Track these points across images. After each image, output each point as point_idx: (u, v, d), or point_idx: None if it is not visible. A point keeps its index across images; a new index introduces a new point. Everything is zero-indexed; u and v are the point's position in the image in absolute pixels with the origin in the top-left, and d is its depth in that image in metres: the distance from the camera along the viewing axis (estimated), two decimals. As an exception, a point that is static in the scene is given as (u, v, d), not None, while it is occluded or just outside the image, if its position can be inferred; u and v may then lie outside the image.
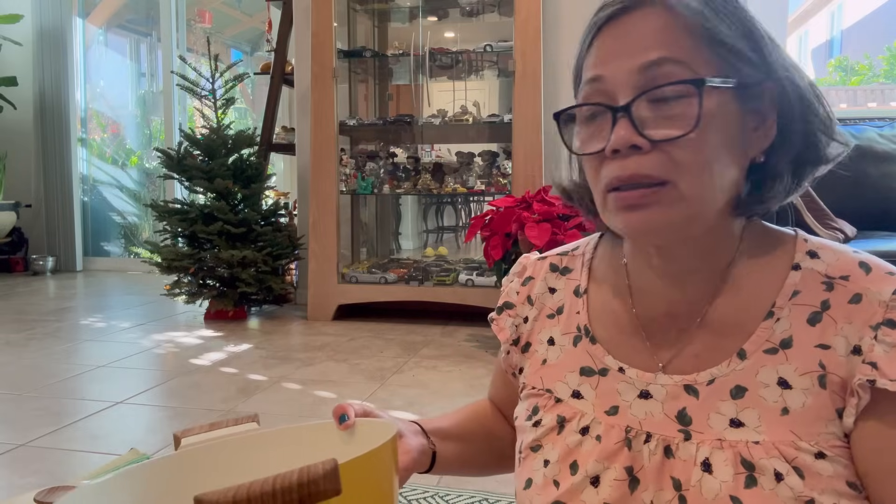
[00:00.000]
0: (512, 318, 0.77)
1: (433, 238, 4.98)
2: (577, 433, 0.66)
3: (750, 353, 0.60)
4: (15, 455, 1.66)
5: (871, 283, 0.58)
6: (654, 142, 0.56)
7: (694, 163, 0.56)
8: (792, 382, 0.58)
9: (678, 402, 0.62)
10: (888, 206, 2.65)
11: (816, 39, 15.45)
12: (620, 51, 0.58)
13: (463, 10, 3.63)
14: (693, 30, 0.57)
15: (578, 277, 0.74)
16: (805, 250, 0.62)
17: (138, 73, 6.87)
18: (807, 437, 0.57)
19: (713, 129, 0.56)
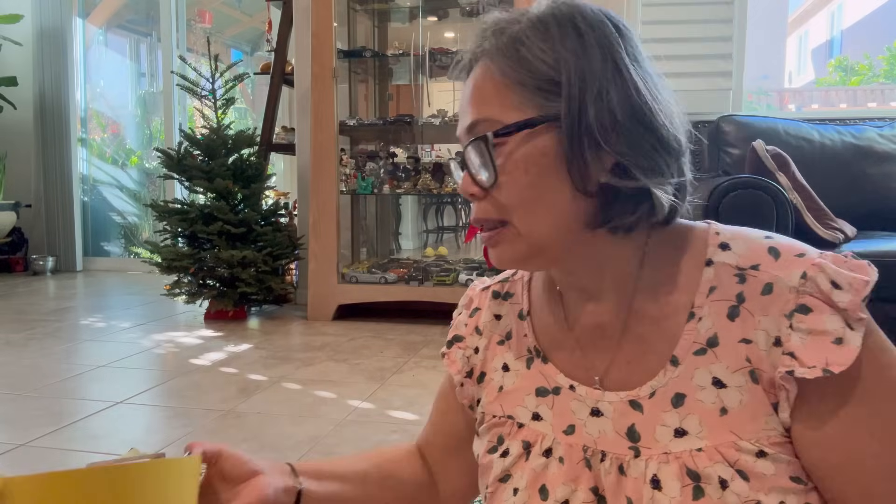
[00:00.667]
0: (462, 350, 0.78)
1: (433, 238, 4.99)
2: (542, 456, 0.66)
3: (681, 358, 0.61)
4: (15, 455, 1.66)
5: (780, 269, 0.58)
6: (485, 188, 0.61)
7: (516, 204, 0.61)
8: (726, 381, 0.58)
9: (626, 418, 0.63)
10: (888, 206, 2.65)
11: (816, 39, 15.45)
12: (461, 111, 0.65)
13: (463, 10, 3.63)
14: (503, 82, 0.60)
15: (520, 301, 0.75)
16: (717, 243, 0.62)
17: (138, 73, 6.87)
18: (747, 436, 0.57)
19: (523, 170, 0.60)
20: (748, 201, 2.18)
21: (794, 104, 12.38)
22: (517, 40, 0.60)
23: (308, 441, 1.75)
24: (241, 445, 1.72)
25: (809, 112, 8.39)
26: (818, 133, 2.80)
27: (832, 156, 2.73)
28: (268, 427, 1.86)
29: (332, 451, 1.69)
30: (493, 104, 0.61)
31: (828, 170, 2.67)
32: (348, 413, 1.97)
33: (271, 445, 1.72)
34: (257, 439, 1.77)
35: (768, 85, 13.36)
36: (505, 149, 0.60)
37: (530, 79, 0.59)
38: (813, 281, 0.56)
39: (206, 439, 1.76)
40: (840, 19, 14.65)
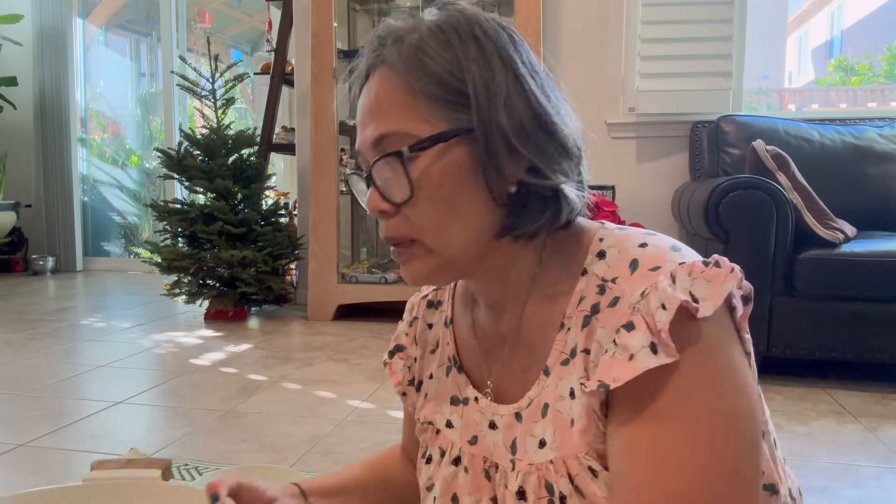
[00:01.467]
0: (403, 360, 0.79)
1: (433, 238, 4.97)
2: (452, 464, 0.68)
3: (551, 367, 0.61)
4: (15, 455, 1.66)
5: (630, 284, 0.56)
6: (396, 204, 0.59)
7: (431, 220, 0.58)
8: (576, 391, 0.58)
9: (512, 431, 0.63)
10: (888, 206, 2.65)
11: (816, 39, 15.45)
12: (361, 123, 0.61)
13: (463, 10, 3.63)
14: (408, 93, 0.58)
15: (446, 308, 0.76)
16: (596, 251, 0.61)
17: (138, 73, 6.87)
18: (583, 449, 0.56)
19: (438, 184, 0.58)
20: (748, 201, 2.18)
21: (794, 104, 12.37)
22: (419, 49, 0.58)
23: (308, 441, 1.75)
24: (240, 445, 1.72)
25: (809, 112, 8.39)
26: (818, 133, 2.80)
27: (832, 156, 2.73)
28: (268, 427, 1.86)
29: (331, 451, 1.69)
30: (399, 116, 0.58)
31: (828, 170, 2.67)
32: (348, 413, 1.97)
33: (271, 445, 1.72)
34: (257, 439, 1.77)
35: (768, 85, 13.37)
36: (419, 163, 0.57)
37: (437, 90, 0.57)
38: (647, 299, 0.54)
39: (206, 439, 1.77)
40: (840, 19, 14.65)
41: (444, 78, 0.57)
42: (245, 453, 1.67)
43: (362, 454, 1.67)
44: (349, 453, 1.68)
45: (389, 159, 0.58)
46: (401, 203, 0.59)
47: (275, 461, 1.62)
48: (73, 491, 0.61)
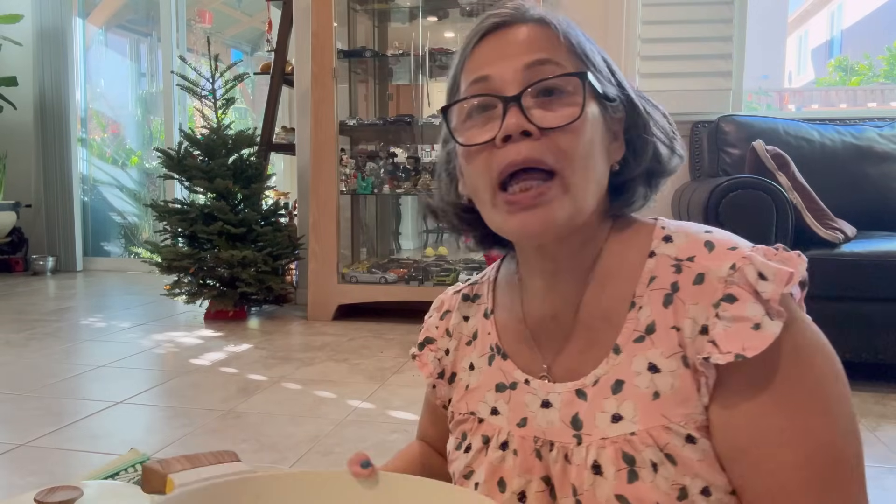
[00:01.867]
0: (433, 352, 0.80)
1: (433, 238, 4.98)
2: (499, 449, 0.68)
3: (623, 345, 0.62)
4: (15, 455, 1.66)
5: (712, 261, 0.60)
6: (542, 129, 0.59)
7: (577, 151, 0.60)
8: (660, 366, 0.60)
9: (572, 407, 0.64)
10: (888, 206, 2.65)
11: (816, 39, 15.45)
12: (504, 53, 0.63)
13: (463, 10, 3.63)
14: (564, 42, 0.63)
15: (486, 301, 0.77)
16: (661, 237, 0.65)
17: (138, 73, 6.87)
18: (677, 419, 0.58)
19: (590, 125, 0.62)
20: (748, 201, 2.18)
21: (794, 104, 12.38)
22: (558, 13, 0.66)
23: (308, 441, 1.75)
24: (240, 445, 1.72)
25: (809, 112, 8.39)
26: (818, 133, 2.80)
27: (832, 156, 2.72)
28: (268, 427, 1.86)
29: (331, 451, 1.69)
30: (558, 54, 0.63)
31: (828, 170, 2.67)
32: (348, 413, 1.97)
33: (271, 445, 1.73)
34: (257, 439, 1.77)
35: (768, 85, 13.37)
36: (584, 91, 0.62)
37: (577, 48, 0.64)
38: (741, 272, 0.57)
39: (206, 439, 1.77)
40: (840, 19, 14.65)
41: (583, 42, 0.65)
42: (245, 453, 1.67)
43: (362, 454, 1.67)
44: (349, 453, 1.67)
45: (571, 84, 0.61)
46: (560, 125, 0.60)
47: (275, 461, 1.62)
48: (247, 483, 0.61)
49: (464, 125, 0.65)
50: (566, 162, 0.60)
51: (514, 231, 0.62)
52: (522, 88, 0.61)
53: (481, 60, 0.64)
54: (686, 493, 0.56)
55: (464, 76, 0.66)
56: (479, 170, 0.63)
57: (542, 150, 0.59)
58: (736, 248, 0.59)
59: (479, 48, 0.65)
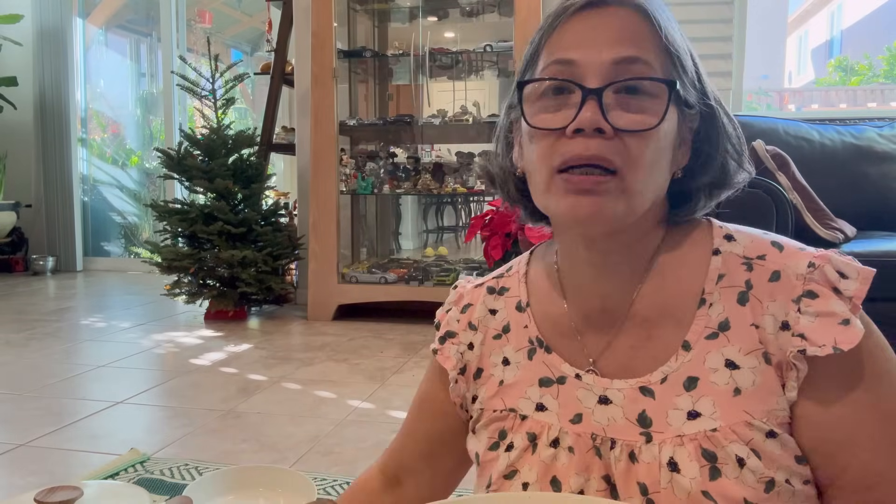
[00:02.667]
0: (456, 345, 0.76)
1: (433, 238, 4.98)
2: (550, 447, 0.65)
3: (693, 342, 0.62)
4: (15, 455, 1.66)
5: (786, 259, 0.61)
6: (616, 129, 0.58)
7: (645, 157, 0.59)
8: (739, 362, 0.60)
9: (637, 405, 0.63)
10: (888, 206, 2.65)
11: (816, 39, 15.45)
12: (594, 39, 0.60)
13: (463, 10, 3.63)
14: (658, 39, 0.60)
15: (518, 294, 0.74)
16: (722, 235, 0.65)
17: (138, 74, 6.87)
18: (759, 415, 0.58)
19: (664, 133, 0.60)
20: (748, 201, 2.17)
21: (794, 104, 12.38)
22: (662, 6, 0.62)
23: (308, 441, 1.75)
24: (240, 445, 1.73)
25: (809, 112, 8.40)
26: (818, 133, 2.80)
27: (832, 156, 2.72)
28: (268, 427, 1.86)
29: (331, 451, 1.69)
30: (650, 54, 0.60)
31: (828, 170, 2.67)
32: (348, 413, 1.97)
33: (271, 445, 1.73)
34: (257, 439, 1.77)
35: (768, 85, 13.36)
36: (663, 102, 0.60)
37: (671, 48, 0.61)
38: (820, 270, 0.59)
39: (206, 439, 1.77)
40: (840, 19, 14.65)
41: (678, 42, 0.62)
42: (245, 453, 1.67)
43: (362, 454, 1.67)
44: (349, 453, 1.68)
45: (656, 86, 0.59)
46: (635, 129, 0.58)
47: (275, 461, 1.62)
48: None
49: (536, 103, 0.63)
50: (631, 165, 0.59)
51: (564, 213, 0.60)
52: (605, 84, 0.58)
53: (569, 40, 0.61)
54: (773, 485, 0.57)
55: (546, 50, 0.63)
56: (543, 153, 0.61)
57: (612, 150, 0.58)
58: (804, 250, 0.61)
59: (568, 24, 0.61)
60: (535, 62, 0.64)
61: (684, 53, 0.62)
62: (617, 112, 0.58)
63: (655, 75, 0.59)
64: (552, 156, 0.60)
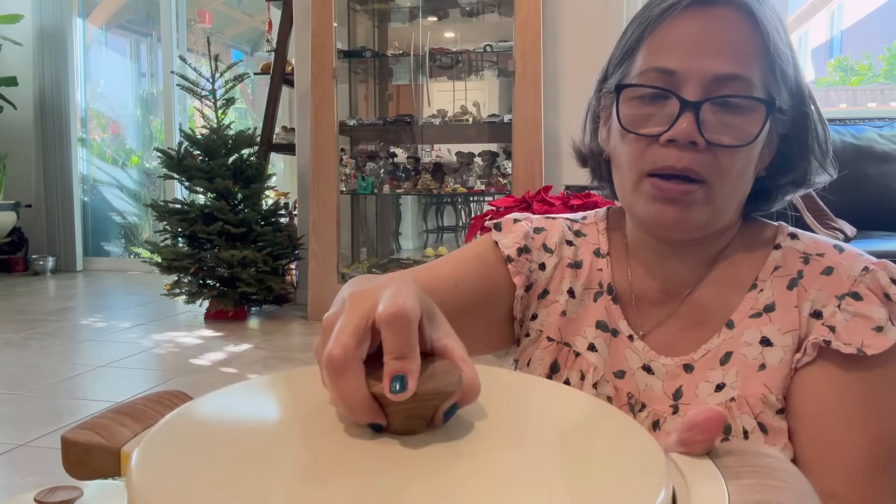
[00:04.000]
0: (528, 262, 0.73)
1: (433, 238, 4.98)
2: (592, 387, 0.68)
3: (737, 321, 0.64)
4: (15, 455, 1.66)
5: (843, 259, 0.62)
6: (709, 143, 0.58)
7: (734, 171, 0.60)
8: (774, 340, 0.62)
9: (676, 380, 0.65)
10: (888, 206, 2.65)
11: (816, 39, 15.44)
12: (696, 49, 0.59)
13: (463, 10, 3.63)
14: (763, 49, 0.60)
15: (597, 241, 0.74)
16: (786, 233, 0.67)
17: (138, 74, 6.87)
18: (776, 391, 0.60)
19: (756, 147, 0.61)
20: (748, 201, 2.18)
21: (794, 104, 12.33)
22: (780, 19, 0.61)
23: (308, 441, 1.75)
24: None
25: (809, 112, 8.34)
26: (818, 133, 2.80)
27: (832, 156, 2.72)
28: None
29: (332, 451, 1.69)
30: (753, 68, 0.59)
31: (828, 170, 2.67)
32: (348, 413, 1.97)
33: (271, 445, 1.73)
34: (257, 439, 1.77)
35: (768, 85, 13.31)
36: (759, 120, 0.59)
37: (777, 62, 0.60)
38: (873, 275, 0.60)
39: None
40: (840, 19, 14.64)
41: (782, 50, 0.61)
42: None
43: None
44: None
45: (755, 103, 0.59)
46: (732, 145, 0.59)
47: (275, 461, 1.62)
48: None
49: (630, 104, 0.62)
50: (719, 178, 0.59)
51: (650, 218, 0.62)
52: (704, 98, 0.58)
53: (672, 45, 0.60)
54: None
55: (646, 49, 0.62)
56: (633, 156, 0.62)
57: (702, 163, 0.59)
58: (863, 256, 0.62)
59: (672, 24, 0.60)
60: (632, 57, 0.64)
61: (786, 61, 0.61)
62: (712, 126, 0.58)
63: (755, 94, 0.59)
64: (643, 161, 0.61)
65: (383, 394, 0.32)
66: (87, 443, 0.38)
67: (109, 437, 0.38)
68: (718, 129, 0.59)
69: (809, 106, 0.65)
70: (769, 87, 0.60)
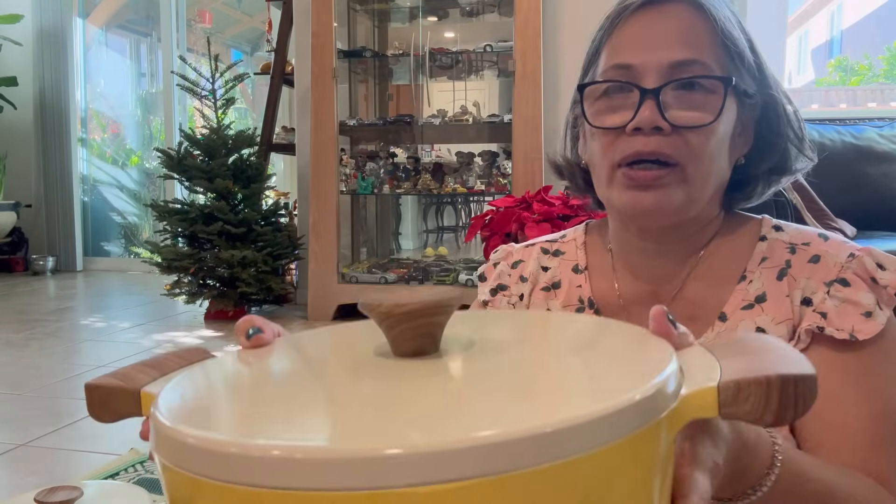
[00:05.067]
0: (507, 297, 0.79)
1: (433, 238, 4.98)
2: None
3: (730, 313, 0.65)
4: (15, 455, 1.66)
5: (829, 247, 0.64)
6: (674, 126, 0.60)
7: (704, 150, 0.61)
8: (769, 330, 0.62)
9: None
10: (888, 206, 2.65)
11: (816, 39, 15.45)
12: (650, 42, 0.62)
13: (463, 10, 3.63)
14: (715, 35, 0.62)
15: (575, 258, 0.76)
16: (770, 225, 0.68)
17: (138, 73, 6.87)
18: None
19: (723, 125, 0.62)
20: (748, 201, 2.18)
21: (794, 104, 12.34)
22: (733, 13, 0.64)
23: (308, 441, 1.75)
24: (241, 445, 1.72)
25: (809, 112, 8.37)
26: (818, 133, 2.80)
27: (832, 156, 2.72)
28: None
29: (332, 451, 1.69)
30: (704, 50, 0.61)
31: (828, 170, 2.66)
32: (348, 413, 1.97)
33: (271, 445, 1.73)
34: (257, 439, 1.77)
35: (768, 85, 13.31)
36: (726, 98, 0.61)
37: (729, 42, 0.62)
38: (860, 260, 0.62)
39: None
40: (840, 19, 14.65)
41: (735, 35, 0.63)
42: (245, 453, 1.67)
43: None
44: (349, 453, 1.68)
45: (713, 82, 0.61)
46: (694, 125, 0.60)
47: (275, 461, 1.62)
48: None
49: (596, 103, 0.65)
50: (691, 158, 0.61)
51: (625, 206, 0.63)
52: (662, 83, 0.60)
53: (626, 43, 0.63)
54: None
55: (606, 51, 0.65)
56: (604, 149, 0.64)
57: (671, 146, 0.60)
58: (848, 243, 0.64)
59: (626, 25, 0.64)
60: (595, 62, 0.67)
61: (742, 45, 0.63)
62: (675, 109, 0.61)
63: (712, 74, 0.61)
64: (613, 152, 0.63)
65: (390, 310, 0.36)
66: (109, 386, 0.41)
67: (129, 381, 0.42)
68: (681, 111, 0.61)
69: (777, 90, 0.66)
70: (727, 70, 0.62)
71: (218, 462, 0.27)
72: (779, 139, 0.67)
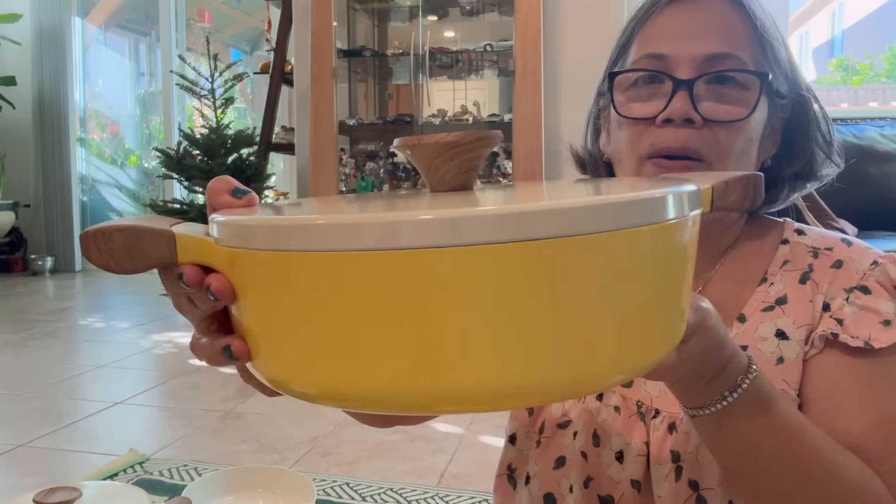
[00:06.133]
0: None
1: (433, 238, 4.97)
2: (596, 399, 0.67)
3: (749, 315, 0.63)
4: (15, 455, 1.66)
5: (852, 252, 0.63)
6: (706, 120, 0.59)
7: (734, 147, 0.60)
8: (790, 334, 0.61)
9: None
10: (889, 205, 2.65)
11: (817, 39, 15.45)
12: (685, 33, 0.61)
13: (463, 10, 3.62)
14: (752, 31, 0.61)
15: None
16: (794, 229, 0.67)
17: (137, 73, 6.87)
18: (794, 385, 0.60)
19: (754, 123, 0.61)
20: (749, 201, 2.17)
21: (793, 104, 12.32)
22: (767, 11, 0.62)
23: (308, 441, 1.75)
24: (240, 446, 1.72)
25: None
26: (819, 132, 2.80)
27: (833, 155, 2.72)
28: (267, 427, 1.85)
29: (331, 452, 1.68)
30: (742, 48, 0.60)
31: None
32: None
33: (271, 446, 1.72)
34: (257, 439, 1.76)
35: (768, 84, 13.30)
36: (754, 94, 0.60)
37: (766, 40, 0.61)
38: (883, 268, 0.61)
39: (205, 440, 1.76)
40: (841, 19, 14.65)
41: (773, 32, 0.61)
42: (245, 453, 1.67)
43: (362, 455, 1.67)
44: (349, 454, 1.67)
45: (747, 77, 0.60)
46: (725, 120, 0.59)
47: (275, 461, 1.62)
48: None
49: (626, 92, 0.64)
50: (719, 155, 0.60)
51: None
52: (696, 76, 0.59)
53: (661, 33, 0.62)
54: None
55: (638, 41, 0.64)
56: (631, 140, 0.62)
57: (700, 140, 0.59)
58: (872, 249, 0.63)
59: (661, 16, 0.62)
60: (626, 52, 0.65)
61: (778, 44, 0.62)
62: (707, 103, 0.59)
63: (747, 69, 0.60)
64: (641, 144, 0.61)
65: (436, 141, 0.36)
66: (138, 227, 0.35)
67: (157, 223, 0.36)
68: (714, 105, 0.59)
69: (807, 93, 0.65)
70: (762, 67, 0.61)
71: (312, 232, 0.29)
72: (807, 143, 0.66)
